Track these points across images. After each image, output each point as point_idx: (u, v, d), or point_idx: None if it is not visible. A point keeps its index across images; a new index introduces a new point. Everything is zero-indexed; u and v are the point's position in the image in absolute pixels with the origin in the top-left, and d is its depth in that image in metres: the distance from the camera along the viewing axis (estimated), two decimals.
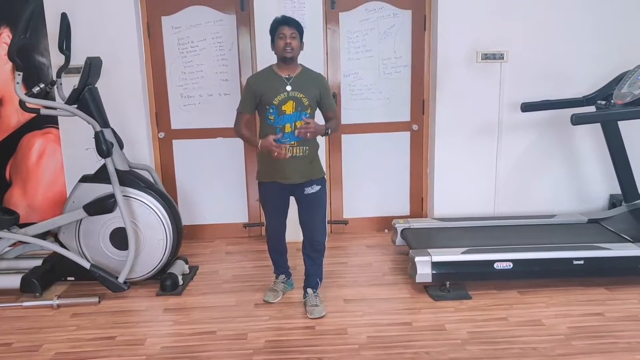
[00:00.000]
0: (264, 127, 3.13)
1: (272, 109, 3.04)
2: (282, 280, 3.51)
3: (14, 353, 2.92)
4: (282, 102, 3.03)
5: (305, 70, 3.15)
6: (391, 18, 4.29)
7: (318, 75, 3.22)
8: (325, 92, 3.16)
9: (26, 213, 4.23)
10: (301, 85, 3.07)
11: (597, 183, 4.47)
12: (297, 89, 3.05)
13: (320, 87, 3.14)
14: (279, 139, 3.02)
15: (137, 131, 4.19)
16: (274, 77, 3.08)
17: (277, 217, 3.29)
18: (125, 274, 3.46)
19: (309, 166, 3.13)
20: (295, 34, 3.01)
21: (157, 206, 3.58)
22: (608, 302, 3.29)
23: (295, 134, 3.03)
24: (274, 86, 3.05)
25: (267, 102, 3.04)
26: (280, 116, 3.04)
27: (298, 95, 3.05)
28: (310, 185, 3.15)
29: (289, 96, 3.03)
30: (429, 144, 4.49)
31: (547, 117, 4.29)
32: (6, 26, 3.99)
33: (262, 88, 3.07)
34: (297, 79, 3.07)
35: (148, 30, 4.21)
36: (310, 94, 3.08)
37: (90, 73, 3.43)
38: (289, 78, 3.06)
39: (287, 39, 2.99)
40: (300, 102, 3.05)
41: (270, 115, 3.06)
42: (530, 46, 4.20)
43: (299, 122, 3.03)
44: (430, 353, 2.79)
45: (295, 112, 3.04)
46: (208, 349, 2.90)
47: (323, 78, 3.24)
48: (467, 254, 3.43)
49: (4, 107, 4.13)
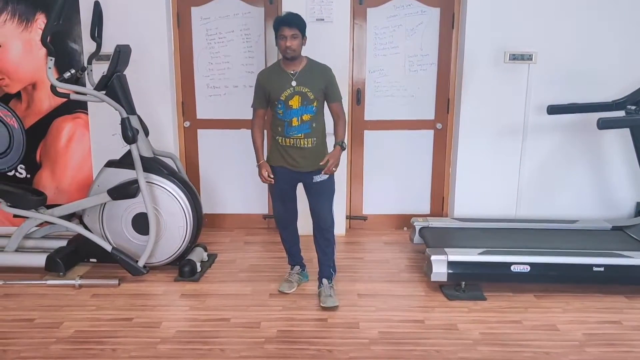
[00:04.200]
0: (274, 120, 3.22)
1: (280, 104, 3.13)
2: (296, 272, 3.55)
3: (36, 328, 3.02)
4: (289, 98, 3.11)
5: (310, 63, 3.18)
6: (419, 15, 4.27)
7: (323, 67, 3.23)
8: (330, 83, 3.20)
9: (54, 195, 4.35)
10: (306, 79, 3.12)
11: (624, 190, 4.38)
12: (302, 83, 3.11)
13: (325, 79, 3.18)
14: (288, 131, 3.13)
15: (163, 119, 4.27)
16: (280, 72, 3.15)
17: (282, 202, 3.35)
18: (145, 258, 3.54)
19: (317, 156, 3.19)
20: (297, 34, 3.04)
21: (179, 193, 3.64)
22: (626, 310, 3.23)
23: (322, 170, 3.14)
24: (280, 82, 3.13)
25: (275, 98, 3.14)
26: (287, 110, 3.12)
27: (303, 90, 3.11)
28: (319, 174, 3.21)
29: (295, 91, 3.11)
30: (452, 144, 4.46)
31: (574, 121, 4.22)
32: (41, 12, 4.10)
33: (270, 84, 3.16)
34: (302, 74, 3.13)
35: (178, 20, 4.28)
36: (315, 87, 3.13)
37: (120, 61, 3.50)
38: (294, 73, 3.12)
39: (288, 40, 3.03)
40: (305, 96, 3.12)
41: (279, 110, 3.15)
42: (560, 48, 4.13)
43: (306, 116, 3.12)
44: (441, 352, 2.79)
45: (301, 107, 3.12)
46: (221, 335, 2.96)
47: (328, 69, 3.24)
48: (484, 254, 3.40)
49: (36, 91, 4.25)
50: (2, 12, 4.09)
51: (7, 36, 4.13)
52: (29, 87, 4.25)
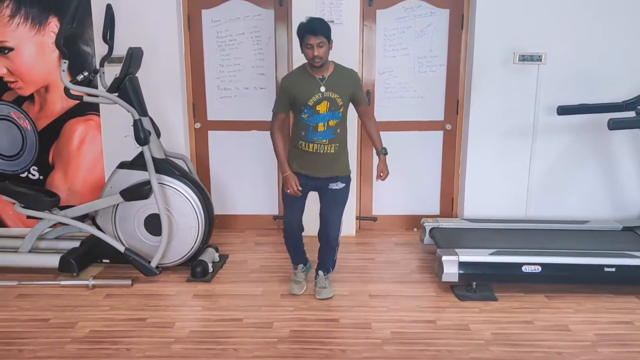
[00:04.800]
0: (297, 123, 3.19)
1: (306, 109, 3.09)
2: (301, 270, 3.55)
3: (51, 328, 3.06)
4: (317, 103, 3.07)
5: (338, 68, 3.15)
6: (428, 17, 4.28)
7: (350, 72, 3.22)
8: (358, 89, 3.19)
9: (67, 196, 4.39)
10: (335, 85, 3.08)
11: (634, 190, 4.37)
12: (331, 89, 3.07)
13: (354, 85, 3.16)
14: (313, 136, 3.11)
15: (175, 121, 4.30)
16: (307, 77, 3.10)
17: (294, 210, 3.34)
18: (157, 259, 3.57)
19: (337, 163, 3.20)
20: (323, 42, 2.96)
21: (191, 194, 3.67)
22: (638, 311, 3.23)
23: (377, 178, 3.32)
24: (308, 87, 3.07)
25: (302, 103, 3.08)
26: (313, 115, 3.09)
27: (332, 96, 3.07)
28: (336, 182, 3.22)
29: (323, 97, 3.06)
30: (461, 144, 4.47)
31: (584, 121, 4.21)
32: (54, 15, 4.14)
33: (296, 89, 3.10)
34: (331, 79, 3.09)
35: (188, 22, 4.31)
36: (344, 93, 3.10)
37: (132, 63, 3.54)
38: (322, 79, 3.08)
39: (315, 50, 2.96)
40: (334, 102, 3.08)
41: (304, 114, 3.11)
42: (570, 49, 4.13)
43: (332, 121, 3.10)
44: (453, 352, 2.81)
45: (328, 112, 3.09)
46: (234, 335, 2.98)
47: (355, 74, 3.25)
48: (495, 255, 3.41)
49: (49, 93, 4.29)
50: (15, 15, 4.13)
51: (21, 39, 4.17)
52: (42, 89, 4.29)
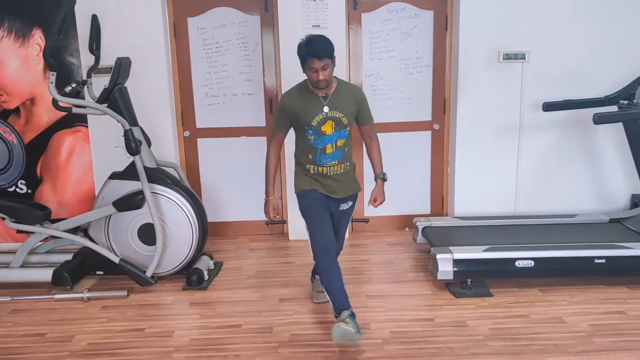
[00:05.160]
0: (303, 146, 3.01)
1: (311, 129, 2.92)
2: (347, 316, 2.82)
3: (48, 343, 3.03)
4: (321, 123, 2.90)
5: (341, 84, 2.99)
6: (413, 18, 4.34)
7: (354, 88, 3.10)
8: (362, 105, 3.03)
9: (56, 209, 4.34)
10: (339, 103, 2.92)
11: (619, 183, 4.46)
12: (335, 108, 2.91)
13: (358, 101, 3.01)
14: (322, 159, 2.96)
15: (163, 129, 4.29)
16: (310, 96, 2.92)
17: (321, 223, 2.98)
18: (152, 268, 3.56)
19: (347, 182, 3.08)
20: (328, 64, 2.78)
21: (184, 203, 3.66)
22: (629, 300, 3.30)
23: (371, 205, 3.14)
24: (311, 106, 2.91)
25: (305, 123, 2.92)
26: (320, 137, 2.93)
27: (337, 115, 2.91)
28: (346, 202, 3.12)
29: (327, 116, 2.90)
30: (449, 144, 4.52)
31: (569, 117, 4.30)
32: (38, 27, 4.11)
33: (298, 108, 2.93)
34: (334, 98, 2.92)
35: (174, 31, 4.30)
36: (348, 111, 2.95)
37: (120, 73, 3.53)
38: (325, 97, 2.91)
39: (320, 74, 2.78)
40: (339, 121, 2.93)
41: (310, 136, 2.94)
42: (552, 46, 4.21)
43: (340, 141, 2.95)
44: (453, 348, 2.84)
45: (335, 132, 2.93)
46: (235, 341, 2.98)
47: (360, 90, 3.12)
48: (489, 252, 3.46)
49: (35, 106, 4.25)
50: None
51: (4, 52, 4.13)
52: (27, 102, 4.25)
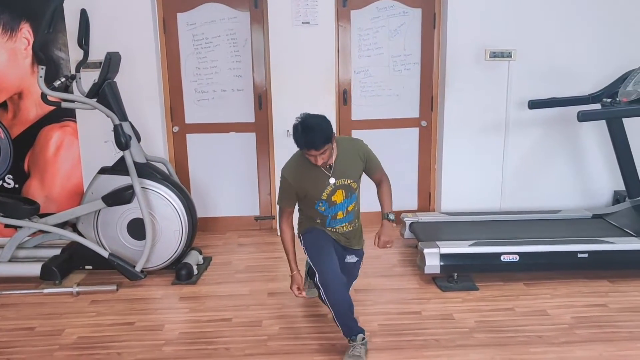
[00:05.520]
0: (311, 212, 2.91)
1: (321, 202, 2.83)
2: (360, 342, 2.72)
3: (38, 336, 3.03)
4: (331, 194, 2.81)
5: (341, 147, 2.82)
6: (401, 16, 4.38)
7: (355, 144, 2.92)
8: (368, 159, 2.90)
9: (44, 204, 4.32)
10: (344, 170, 2.80)
11: (602, 179, 4.56)
12: (342, 176, 2.80)
13: (362, 158, 2.87)
14: (332, 223, 2.91)
15: (152, 125, 4.29)
16: (312, 170, 2.76)
17: (329, 256, 2.82)
18: (142, 263, 3.57)
19: (357, 235, 3.08)
20: (326, 147, 2.62)
21: (173, 198, 3.68)
22: (611, 294, 3.38)
23: (379, 246, 3.00)
24: (317, 182, 2.79)
25: (315, 198, 2.82)
26: (331, 207, 2.85)
27: (345, 182, 2.81)
28: (351, 254, 3.08)
29: (336, 187, 2.80)
30: (437, 140, 4.58)
31: (553, 115, 4.38)
32: (26, 21, 4.09)
33: (304, 186, 2.80)
34: (338, 165, 2.78)
35: (164, 26, 4.31)
36: (356, 174, 2.86)
37: (110, 68, 3.53)
38: (329, 168, 2.77)
39: (319, 160, 2.65)
40: (348, 188, 2.83)
41: (321, 207, 2.85)
42: (538, 45, 4.28)
43: (350, 206, 2.90)
44: (440, 340, 2.89)
45: (345, 200, 2.86)
46: (224, 334, 3.01)
47: (361, 145, 2.92)
48: (475, 246, 3.52)
49: (23, 100, 4.23)
50: None
51: None
52: (15, 96, 4.23)
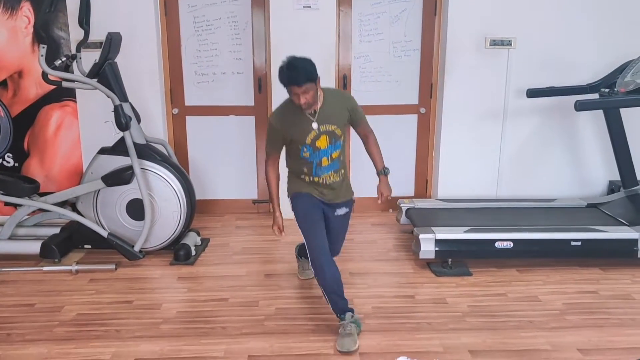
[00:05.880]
0: (297, 159, 2.92)
1: (305, 147, 2.84)
2: (350, 319, 2.81)
3: (37, 313, 3.08)
4: (315, 139, 2.81)
5: (328, 96, 2.84)
6: (403, 2, 4.38)
7: (342, 96, 3.00)
8: (353, 110, 2.91)
9: (43, 183, 4.35)
10: (329, 116, 2.80)
11: (597, 169, 4.60)
12: (326, 122, 2.80)
13: (348, 108, 2.88)
14: (318, 171, 2.89)
15: (152, 106, 4.31)
16: (297, 115, 2.77)
17: (319, 229, 2.88)
18: (141, 243, 3.61)
19: (341, 188, 3.02)
20: (308, 86, 2.63)
21: (172, 179, 3.71)
22: (602, 281, 3.44)
23: (378, 200, 3.04)
24: (301, 127, 2.80)
25: (299, 142, 2.83)
26: (315, 152, 2.85)
27: (330, 129, 2.81)
28: (341, 207, 3.05)
29: (320, 132, 2.80)
30: (435, 127, 4.61)
31: (551, 104, 4.40)
32: (26, 0, 4.08)
33: (289, 130, 2.82)
34: (323, 112, 2.80)
35: (165, 8, 4.30)
36: (340, 122, 2.85)
37: (111, 48, 3.54)
38: (313, 114, 2.78)
39: (301, 98, 2.65)
40: (332, 134, 2.83)
41: (305, 152, 2.85)
42: (538, 34, 4.30)
43: (335, 153, 2.88)
44: (432, 323, 2.95)
45: (329, 145, 2.85)
46: (221, 314, 3.06)
47: (348, 97, 2.99)
48: (470, 232, 3.57)
49: (23, 79, 4.24)
50: None
51: None
52: (15, 75, 4.23)
